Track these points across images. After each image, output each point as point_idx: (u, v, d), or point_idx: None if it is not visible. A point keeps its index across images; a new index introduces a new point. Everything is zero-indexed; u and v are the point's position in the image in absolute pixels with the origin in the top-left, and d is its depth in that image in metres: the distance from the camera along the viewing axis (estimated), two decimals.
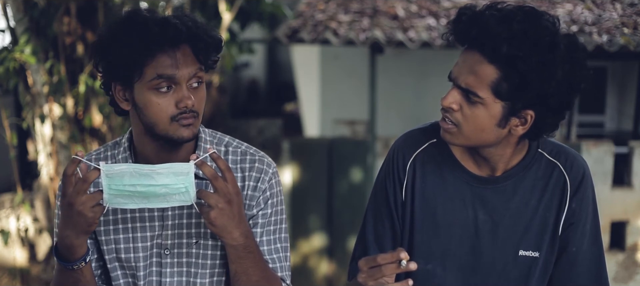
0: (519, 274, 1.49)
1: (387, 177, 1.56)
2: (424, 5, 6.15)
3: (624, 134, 6.79)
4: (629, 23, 5.43)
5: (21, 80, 4.37)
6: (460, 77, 1.34)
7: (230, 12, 5.10)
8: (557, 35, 1.30)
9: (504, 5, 1.33)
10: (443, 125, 1.41)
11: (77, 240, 1.30)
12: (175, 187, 1.26)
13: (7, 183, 5.71)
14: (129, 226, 1.45)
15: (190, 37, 1.32)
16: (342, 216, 6.13)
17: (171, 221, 1.45)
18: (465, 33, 1.33)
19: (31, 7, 4.15)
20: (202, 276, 1.46)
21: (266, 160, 1.50)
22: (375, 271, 1.29)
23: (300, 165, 6.12)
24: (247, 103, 12.23)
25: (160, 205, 1.29)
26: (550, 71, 1.28)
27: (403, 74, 7.11)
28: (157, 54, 1.29)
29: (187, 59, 1.32)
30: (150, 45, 1.28)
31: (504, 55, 1.27)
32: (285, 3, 6.90)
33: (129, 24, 1.30)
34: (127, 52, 1.28)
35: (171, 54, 1.30)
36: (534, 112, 1.34)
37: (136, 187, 1.25)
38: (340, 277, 6.23)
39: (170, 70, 1.30)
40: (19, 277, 5.12)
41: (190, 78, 1.33)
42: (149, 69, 1.30)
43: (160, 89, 1.31)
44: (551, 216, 1.48)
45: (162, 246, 1.45)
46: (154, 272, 1.46)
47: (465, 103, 1.35)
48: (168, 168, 1.25)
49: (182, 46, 1.32)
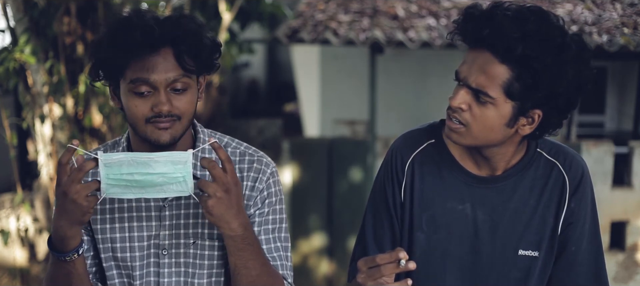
0: (518, 274, 1.49)
1: (386, 177, 1.55)
2: (424, 5, 6.15)
3: (624, 134, 6.79)
4: (629, 23, 5.42)
5: (21, 80, 4.37)
6: (471, 77, 1.34)
7: (230, 12, 5.11)
8: (567, 35, 1.32)
9: (511, 5, 1.33)
10: (450, 125, 1.40)
11: (71, 230, 1.31)
12: (173, 175, 1.26)
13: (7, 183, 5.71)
14: (125, 225, 1.46)
15: (173, 42, 1.32)
16: (342, 216, 6.13)
17: (168, 222, 1.45)
18: (476, 33, 1.33)
19: (31, 7, 4.15)
20: (200, 276, 1.46)
21: (265, 160, 1.50)
22: (374, 272, 1.29)
23: (300, 165, 6.12)
24: (247, 103, 12.22)
25: (158, 195, 1.28)
26: (562, 71, 1.29)
27: (403, 74, 7.11)
28: (137, 57, 1.31)
29: (167, 64, 1.32)
30: (130, 49, 1.29)
31: (518, 56, 1.28)
32: (285, 3, 6.90)
33: (116, 27, 1.32)
34: (110, 55, 1.31)
35: (149, 59, 1.31)
36: (541, 112, 1.35)
37: (134, 175, 1.26)
38: (340, 277, 6.23)
39: (146, 74, 1.31)
40: (19, 277, 5.12)
41: (170, 83, 1.33)
42: (129, 72, 1.32)
43: (138, 92, 1.33)
44: (550, 216, 1.48)
45: (160, 246, 1.45)
46: (152, 272, 1.46)
47: (474, 103, 1.35)
48: (166, 156, 1.26)
49: (163, 50, 1.32)
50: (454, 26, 1.38)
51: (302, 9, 6.18)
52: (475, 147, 1.43)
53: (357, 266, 1.34)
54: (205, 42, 1.35)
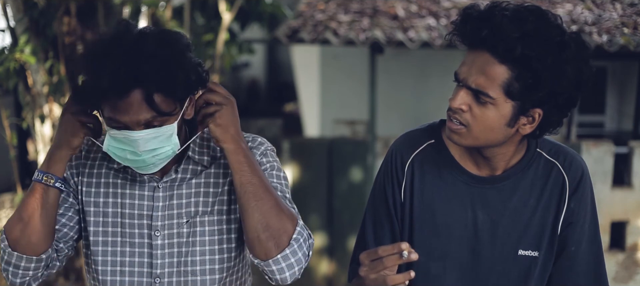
0: (518, 274, 1.49)
1: (385, 178, 1.55)
2: (424, 5, 6.15)
3: (624, 134, 6.79)
4: (629, 23, 5.43)
5: (21, 80, 4.37)
6: (470, 78, 1.34)
7: (230, 12, 5.11)
8: (566, 34, 1.32)
9: (509, 5, 1.33)
10: (451, 126, 1.39)
11: (58, 152, 1.38)
12: (162, 150, 1.34)
13: (7, 183, 5.72)
14: (118, 202, 1.47)
15: (142, 84, 1.26)
16: (342, 216, 6.13)
17: (162, 203, 1.46)
18: (475, 34, 1.32)
19: (31, 7, 4.15)
20: (193, 254, 1.47)
21: (259, 139, 1.53)
22: (376, 264, 1.29)
23: (300, 165, 6.12)
24: (247, 103, 12.21)
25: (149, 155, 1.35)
26: (562, 69, 1.29)
27: (403, 74, 7.11)
28: (108, 100, 1.29)
29: (137, 107, 1.27)
30: (98, 94, 1.28)
31: (518, 56, 1.28)
32: (285, 3, 6.90)
33: (88, 61, 1.29)
34: (84, 95, 1.32)
35: (119, 101, 1.27)
36: (542, 110, 1.35)
37: (126, 153, 1.34)
38: (340, 277, 6.24)
39: (118, 116, 1.29)
40: None
41: (142, 124, 1.30)
42: (104, 109, 1.32)
43: (114, 128, 1.32)
44: (550, 216, 1.48)
45: (153, 227, 1.46)
46: (145, 253, 1.47)
47: (474, 104, 1.35)
48: (153, 133, 1.32)
49: (134, 93, 1.26)
50: (453, 27, 1.38)
51: (302, 9, 6.18)
52: (476, 147, 1.43)
53: (359, 259, 1.34)
54: (179, 78, 1.28)
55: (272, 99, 12.65)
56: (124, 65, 1.24)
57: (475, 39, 1.33)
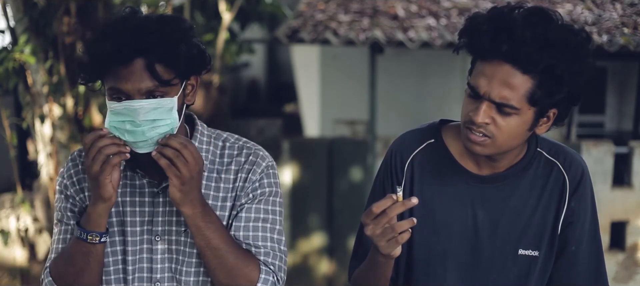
0: (518, 273, 1.49)
1: (385, 177, 1.56)
2: (424, 5, 6.15)
3: (624, 134, 6.79)
4: (629, 23, 5.43)
5: (21, 80, 4.37)
6: (493, 92, 1.33)
7: (230, 12, 5.11)
8: (578, 34, 1.34)
9: (515, 10, 1.33)
10: (474, 139, 1.38)
11: (94, 209, 1.37)
12: (162, 122, 1.34)
13: (7, 183, 5.71)
14: (120, 210, 1.47)
15: (144, 52, 1.31)
16: (342, 216, 6.13)
17: (162, 208, 1.46)
18: (494, 47, 1.31)
19: (31, 7, 4.15)
20: (188, 265, 1.47)
21: (261, 153, 1.51)
22: (381, 218, 1.30)
23: (300, 165, 6.12)
24: (247, 103, 12.21)
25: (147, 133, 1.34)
26: (580, 70, 1.32)
27: (403, 74, 7.11)
28: (110, 68, 1.32)
29: (139, 75, 1.31)
30: (101, 61, 1.31)
31: (542, 65, 1.29)
32: (285, 3, 6.90)
33: (94, 35, 1.34)
34: (87, 64, 1.34)
35: (122, 69, 1.31)
36: (557, 110, 1.38)
37: (125, 124, 1.32)
38: (340, 277, 6.24)
39: (120, 84, 1.32)
40: (19, 277, 5.12)
41: (144, 93, 1.33)
42: (106, 80, 1.35)
43: (115, 99, 1.34)
44: (550, 215, 1.48)
45: (153, 232, 1.46)
46: (145, 259, 1.47)
47: (497, 115, 1.35)
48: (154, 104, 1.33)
49: (136, 61, 1.31)
50: (463, 40, 1.37)
51: (302, 9, 6.18)
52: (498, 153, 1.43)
53: (362, 221, 1.35)
54: (181, 50, 1.33)
55: (272, 99, 12.65)
56: (128, 36, 1.29)
57: (496, 52, 1.32)
